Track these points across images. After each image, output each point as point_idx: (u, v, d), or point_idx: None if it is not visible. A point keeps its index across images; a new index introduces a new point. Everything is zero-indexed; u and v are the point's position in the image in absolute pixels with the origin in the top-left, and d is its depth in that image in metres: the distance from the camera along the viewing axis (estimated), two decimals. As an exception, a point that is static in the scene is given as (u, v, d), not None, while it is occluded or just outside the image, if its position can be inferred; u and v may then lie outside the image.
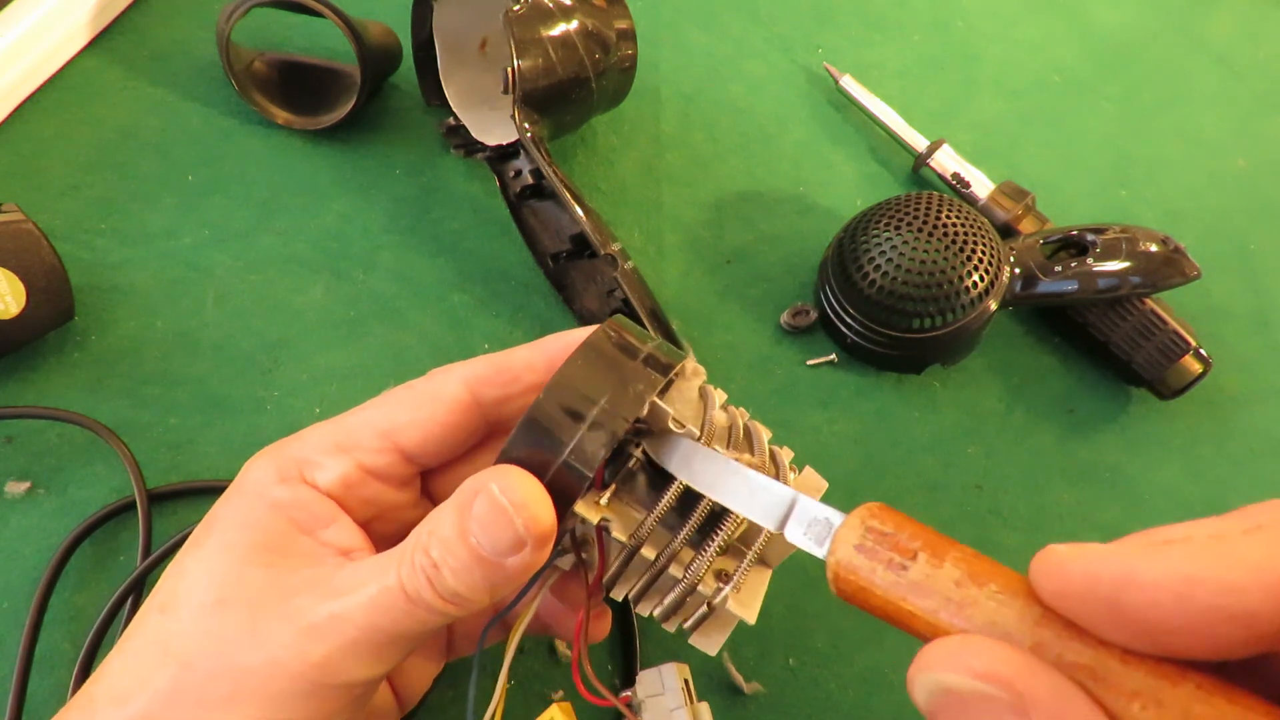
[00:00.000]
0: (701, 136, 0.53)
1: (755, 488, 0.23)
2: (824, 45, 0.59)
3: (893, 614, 0.18)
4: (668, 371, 0.25)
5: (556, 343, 0.27)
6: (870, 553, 0.19)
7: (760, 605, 0.26)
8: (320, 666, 0.23)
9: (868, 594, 0.18)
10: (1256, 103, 0.62)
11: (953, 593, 0.17)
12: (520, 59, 0.41)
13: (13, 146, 0.45)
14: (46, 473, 0.37)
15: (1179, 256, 0.44)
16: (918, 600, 0.18)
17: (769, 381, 0.45)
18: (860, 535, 0.19)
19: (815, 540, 0.21)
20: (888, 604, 0.18)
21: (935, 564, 0.18)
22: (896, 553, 0.18)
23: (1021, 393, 0.47)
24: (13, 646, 0.33)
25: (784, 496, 0.22)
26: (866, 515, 0.19)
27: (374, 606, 0.23)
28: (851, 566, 0.19)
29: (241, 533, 0.25)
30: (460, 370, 0.27)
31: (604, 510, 0.25)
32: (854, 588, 0.19)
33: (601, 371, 0.24)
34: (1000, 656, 0.16)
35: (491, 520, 0.23)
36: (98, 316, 0.41)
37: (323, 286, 0.44)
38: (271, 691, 0.23)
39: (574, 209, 0.42)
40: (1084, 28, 0.64)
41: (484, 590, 0.23)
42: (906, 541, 0.18)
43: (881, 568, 0.18)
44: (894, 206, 0.44)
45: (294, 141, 0.48)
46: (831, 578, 0.19)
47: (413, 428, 0.26)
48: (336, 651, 0.23)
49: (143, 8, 0.51)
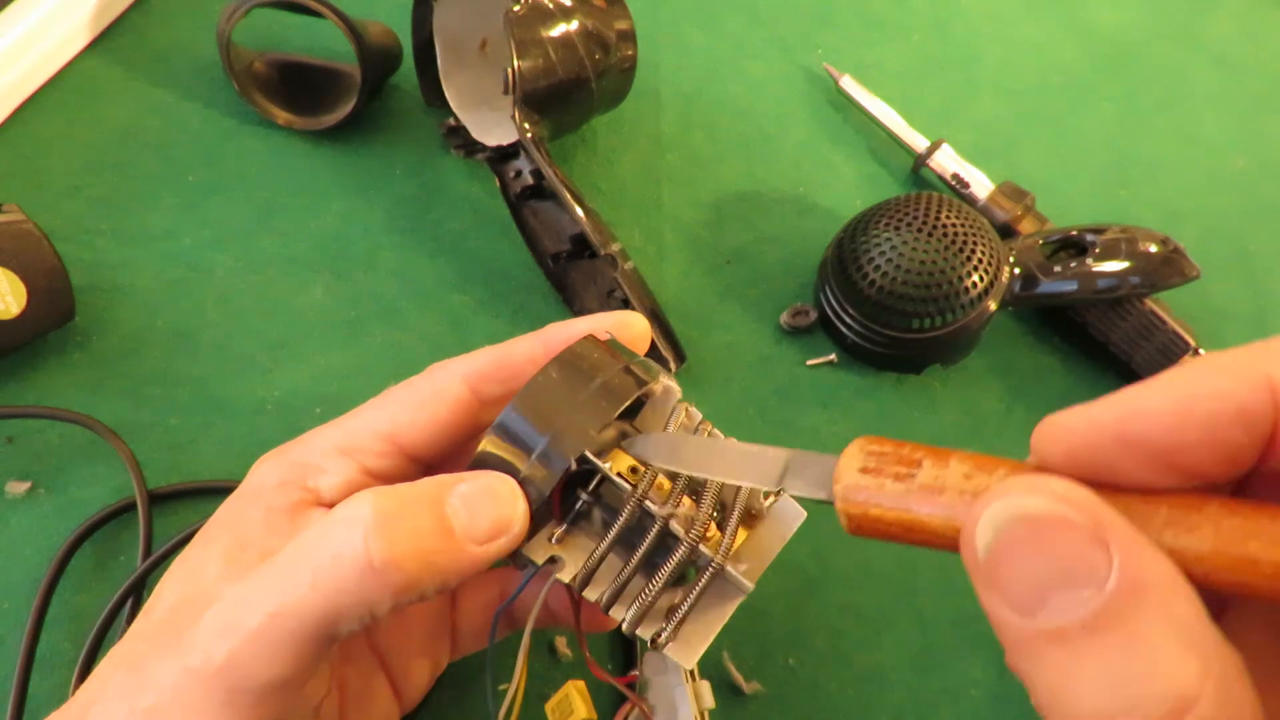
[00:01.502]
0: (701, 136, 0.53)
1: (746, 454, 0.23)
2: (824, 45, 0.59)
3: (907, 526, 0.18)
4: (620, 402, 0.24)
5: (560, 332, 0.27)
6: (874, 471, 0.18)
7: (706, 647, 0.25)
8: (226, 669, 0.21)
9: (878, 513, 0.18)
10: (1256, 103, 0.62)
11: (964, 485, 0.17)
12: (520, 59, 0.41)
13: (13, 147, 0.45)
14: (47, 473, 0.37)
15: (1178, 256, 0.44)
16: (931, 501, 0.17)
17: (769, 381, 0.45)
18: (862, 460, 0.19)
19: (818, 484, 0.21)
20: (900, 517, 0.18)
21: (940, 464, 0.18)
22: (900, 465, 0.18)
23: (1021, 393, 0.47)
24: (14, 647, 0.33)
25: (777, 456, 0.22)
26: (864, 443, 0.19)
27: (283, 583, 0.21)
28: (858, 488, 0.18)
29: (226, 536, 0.24)
30: (460, 366, 0.27)
31: (553, 548, 0.25)
32: (863, 510, 0.18)
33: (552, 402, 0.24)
34: (1077, 488, 0.16)
35: (485, 497, 0.23)
36: (98, 316, 0.41)
37: (323, 287, 0.44)
38: (187, 703, 0.21)
39: (574, 209, 0.42)
40: (1084, 28, 0.64)
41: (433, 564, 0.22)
42: (909, 454, 0.18)
43: (889, 481, 0.18)
44: (894, 207, 0.44)
45: (294, 142, 0.48)
46: (840, 506, 0.19)
47: (414, 428, 0.26)
48: (242, 649, 0.21)
49: (143, 8, 0.51)
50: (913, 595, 0.40)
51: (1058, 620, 0.15)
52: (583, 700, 0.29)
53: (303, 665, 0.22)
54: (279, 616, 0.21)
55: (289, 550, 0.22)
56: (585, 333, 0.27)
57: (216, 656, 0.21)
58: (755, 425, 0.43)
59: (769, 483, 0.22)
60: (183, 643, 0.22)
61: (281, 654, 0.21)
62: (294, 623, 0.21)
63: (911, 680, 0.38)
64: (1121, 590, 0.14)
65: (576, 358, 0.25)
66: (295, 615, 0.21)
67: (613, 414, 0.24)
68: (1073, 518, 0.15)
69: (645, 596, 0.24)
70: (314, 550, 0.22)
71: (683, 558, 0.24)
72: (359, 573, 0.21)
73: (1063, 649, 0.15)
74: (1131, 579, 0.14)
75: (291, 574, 0.22)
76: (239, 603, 0.22)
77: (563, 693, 0.29)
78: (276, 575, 0.22)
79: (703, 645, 0.25)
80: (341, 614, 0.21)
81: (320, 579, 0.21)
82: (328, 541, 0.22)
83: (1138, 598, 0.14)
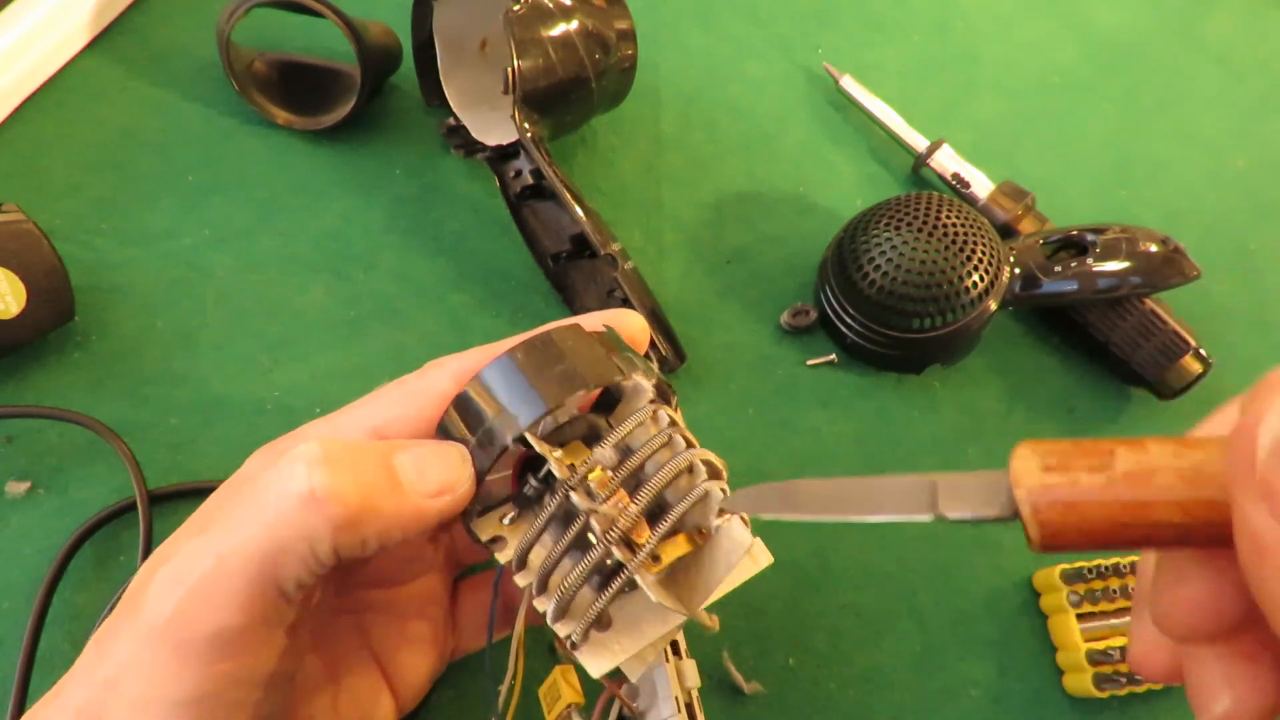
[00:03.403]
0: (701, 136, 0.53)
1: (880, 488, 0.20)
2: (824, 45, 0.59)
3: (1120, 519, 0.16)
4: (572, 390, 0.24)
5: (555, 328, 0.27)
6: (1060, 468, 0.16)
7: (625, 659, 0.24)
8: (173, 621, 0.21)
9: (1082, 511, 0.16)
10: (1256, 103, 0.62)
11: (1178, 463, 0.15)
12: (520, 59, 0.41)
13: (13, 146, 0.45)
14: (47, 473, 0.37)
15: (1179, 256, 0.44)
16: (1144, 485, 0.15)
17: (769, 381, 0.45)
18: (1040, 460, 0.16)
19: (985, 501, 0.17)
20: (1112, 509, 0.15)
21: (1138, 449, 0.16)
22: (1090, 456, 0.16)
23: (1021, 393, 0.47)
24: (14, 646, 0.33)
25: (919, 482, 0.19)
26: (1031, 444, 0.17)
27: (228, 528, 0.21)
28: (1048, 488, 0.16)
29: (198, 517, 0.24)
30: (452, 364, 0.27)
31: (502, 529, 0.25)
32: (1061, 513, 0.16)
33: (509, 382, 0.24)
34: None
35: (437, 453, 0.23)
36: (98, 316, 0.41)
37: (323, 286, 0.44)
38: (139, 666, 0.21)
39: (574, 209, 0.42)
40: (1084, 28, 0.64)
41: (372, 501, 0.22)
42: (1091, 446, 0.16)
43: (1084, 474, 0.16)
44: (894, 206, 0.44)
45: (294, 141, 0.48)
46: (1030, 514, 0.16)
47: (403, 424, 0.26)
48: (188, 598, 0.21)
49: (143, 8, 0.51)
50: (913, 595, 0.40)
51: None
52: (569, 685, 0.29)
53: (250, 614, 0.21)
54: (224, 559, 0.21)
55: (239, 498, 0.22)
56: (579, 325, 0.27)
57: (165, 610, 0.21)
58: (755, 425, 0.43)
59: (923, 511, 0.18)
60: (136, 606, 0.22)
61: (227, 600, 0.21)
62: (238, 564, 0.21)
63: (911, 680, 0.38)
64: None
65: (547, 343, 0.25)
66: (239, 555, 0.21)
67: (561, 399, 0.23)
68: None
69: (564, 591, 0.23)
70: (260, 491, 0.22)
71: (599, 557, 0.23)
72: (300, 502, 0.21)
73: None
74: None
75: (238, 518, 0.22)
76: (189, 555, 0.22)
77: (551, 678, 0.29)
78: (225, 521, 0.22)
79: (622, 656, 0.24)
80: (283, 551, 0.21)
81: (263, 516, 0.21)
82: (272, 480, 0.22)
83: None
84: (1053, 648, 0.40)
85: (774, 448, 0.43)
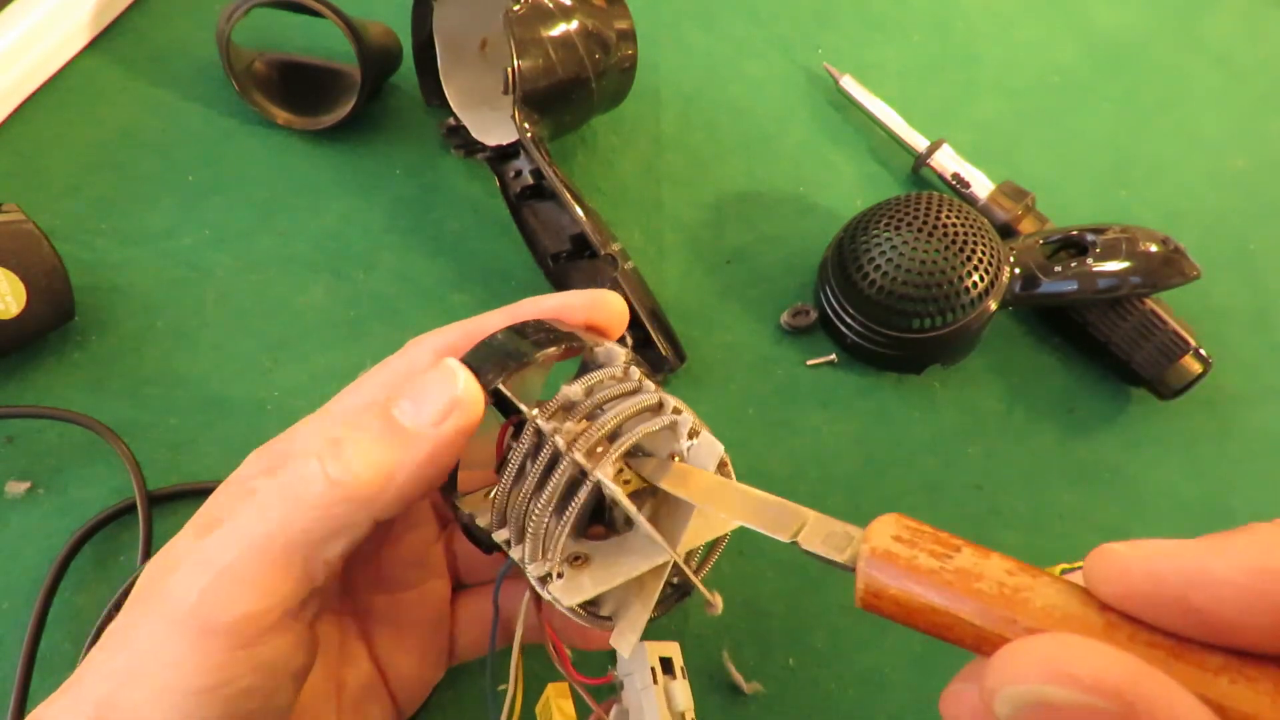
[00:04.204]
0: (701, 136, 0.53)
1: (764, 501, 0.22)
2: (824, 45, 0.59)
3: (934, 610, 0.16)
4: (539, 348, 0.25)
5: (531, 306, 0.27)
6: (909, 544, 0.17)
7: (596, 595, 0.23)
8: (198, 607, 0.21)
9: (907, 587, 0.17)
10: (1256, 103, 0.62)
11: (1007, 580, 0.16)
12: (520, 59, 0.41)
13: (13, 146, 0.45)
14: (47, 473, 0.37)
15: (1179, 256, 0.44)
16: (966, 590, 0.16)
17: (769, 381, 0.45)
18: (896, 529, 0.18)
19: (836, 546, 0.19)
20: (931, 598, 0.16)
21: (982, 555, 0.17)
22: (938, 545, 0.17)
23: (1021, 393, 0.47)
24: (14, 646, 0.33)
25: (799, 512, 0.21)
26: (897, 517, 0.18)
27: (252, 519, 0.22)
28: (888, 556, 0.17)
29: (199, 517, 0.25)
30: (432, 341, 0.27)
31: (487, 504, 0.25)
32: (887, 580, 0.17)
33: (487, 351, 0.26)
34: (1105, 660, 0.14)
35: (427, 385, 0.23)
36: (98, 316, 0.41)
37: (323, 287, 0.44)
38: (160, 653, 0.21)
39: (574, 209, 0.42)
40: (1084, 28, 0.64)
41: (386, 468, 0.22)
42: (947, 538, 0.17)
43: (924, 555, 0.17)
44: (894, 206, 0.44)
45: (294, 142, 0.48)
46: (863, 568, 0.17)
47: None
48: (214, 583, 0.21)
49: (143, 8, 0.51)
50: (913, 595, 0.40)
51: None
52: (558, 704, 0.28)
53: (274, 598, 0.22)
54: (250, 548, 0.22)
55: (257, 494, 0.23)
56: (558, 305, 0.27)
57: (190, 598, 0.21)
58: (755, 425, 0.43)
59: (782, 533, 0.20)
60: (157, 596, 0.22)
61: (252, 586, 0.21)
62: (263, 550, 0.22)
63: (911, 680, 0.38)
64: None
65: (526, 325, 0.26)
66: (265, 542, 0.22)
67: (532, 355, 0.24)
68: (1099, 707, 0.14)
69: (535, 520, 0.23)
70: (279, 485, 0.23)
71: (565, 469, 0.23)
72: (322, 491, 0.22)
73: None
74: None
75: (259, 510, 0.22)
76: (212, 546, 0.22)
77: (544, 696, 0.29)
78: (245, 513, 0.22)
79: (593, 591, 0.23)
80: (310, 535, 0.22)
81: (286, 504, 0.22)
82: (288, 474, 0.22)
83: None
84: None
85: (774, 448, 0.43)
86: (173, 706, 0.21)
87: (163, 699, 0.21)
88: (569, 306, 0.27)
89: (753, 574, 0.39)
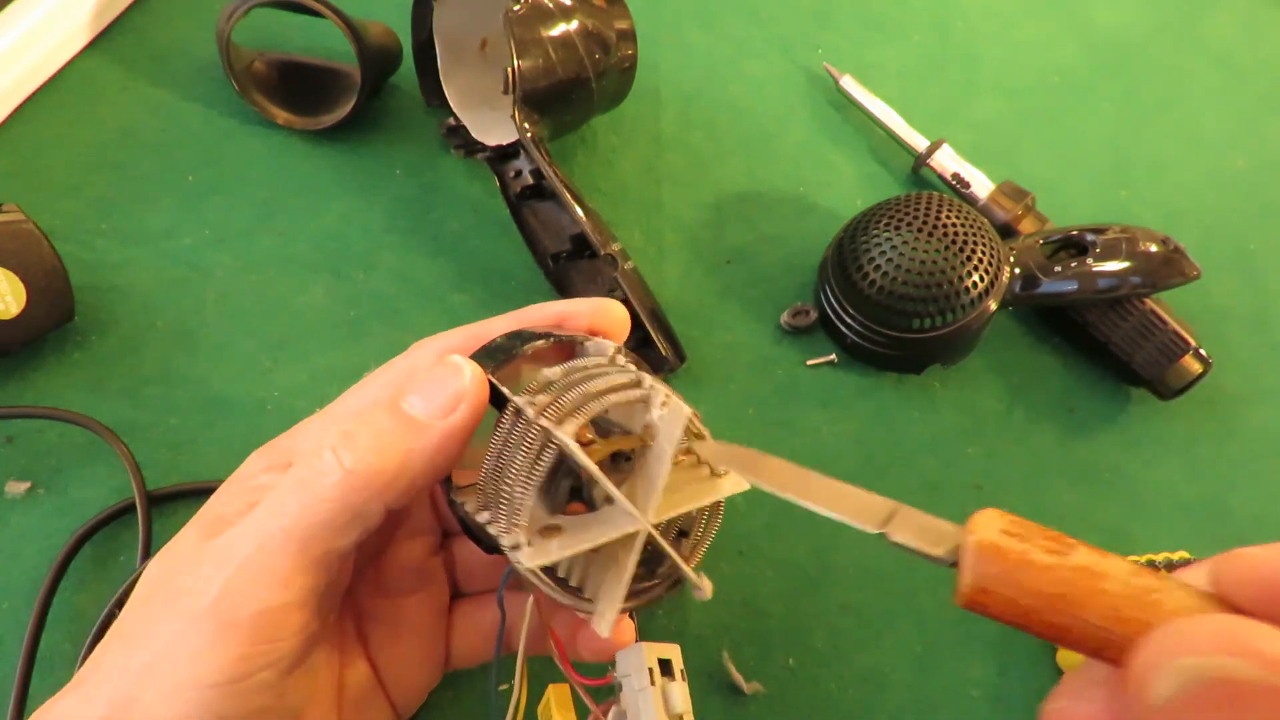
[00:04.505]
0: (701, 136, 0.53)
1: (845, 491, 0.21)
2: (824, 45, 0.59)
3: (1053, 605, 0.16)
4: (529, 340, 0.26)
5: (536, 312, 0.28)
6: (1020, 538, 0.16)
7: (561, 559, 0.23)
8: (220, 600, 0.21)
9: (1020, 581, 0.16)
10: (1256, 103, 0.62)
11: (1132, 580, 0.15)
12: (520, 59, 0.41)
13: (13, 146, 0.45)
14: (46, 473, 0.37)
15: (1179, 256, 0.44)
16: (1090, 589, 0.15)
17: (769, 381, 0.45)
18: (1004, 523, 0.17)
19: (931, 538, 0.18)
20: (1049, 592, 0.15)
21: (1101, 554, 0.16)
22: (1051, 540, 0.16)
23: (1021, 393, 0.47)
24: (14, 646, 0.33)
25: (884, 502, 0.20)
26: (1001, 512, 0.17)
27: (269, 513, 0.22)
28: (1000, 549, 0.16)
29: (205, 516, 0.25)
30: (436, 345, 0.27)
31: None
32: (1001, 573, 0.16)
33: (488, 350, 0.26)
34: None
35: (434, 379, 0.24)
36: (98, 316, 0.41)
37: (323, 287, 0.44)
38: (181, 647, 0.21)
39: (574, 209, 0.42)
40: (1084, 28, 0.64)
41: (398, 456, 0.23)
42: (1059, 535, 0.16)
43: (1038, 550, 0.16)
44: (894, 206, 0.44)
45: (294, 141, 0.48)
46: (971, 562, 0.16)
47: None
48: (236, 576, 0.22)
49: (143, 8, 0.51)
50: (913, 595, 0.40)
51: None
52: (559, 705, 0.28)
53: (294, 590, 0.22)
54: (268, 541, 0.22)
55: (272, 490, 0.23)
56: (562, 312, 0.28)
57: (210, 592, 0.22)
58: (755, 425, 0.43)
59: (869, 523, 0.19)
60: (171, 594, 0.22)
61: (273, 578, 0.22)
62: (283, 543, 0.22)
63: (911, 680, 0.38)
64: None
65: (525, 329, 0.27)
66: (283, 535, 0.22)
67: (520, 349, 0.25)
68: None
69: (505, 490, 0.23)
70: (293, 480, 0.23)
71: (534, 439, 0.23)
72: (336, 480, 0.22)
73: None
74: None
75: (275, 505, 0.23)
76: (228, 542, 0.22)
77: (545, 698, 0.29)
78: (261, 509, 0.23)
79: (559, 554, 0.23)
80: (326, 526, 0.22)
81: (303, 498, 0.22)
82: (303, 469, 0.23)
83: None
84: (1053, 647, 0.39)
85: (774, 448, 0.42)
86: (189, 702, 0.21)
87: (180, 694, 0.21)
88: (573, 314, 0.28)
89: (753, 574, 0.39)
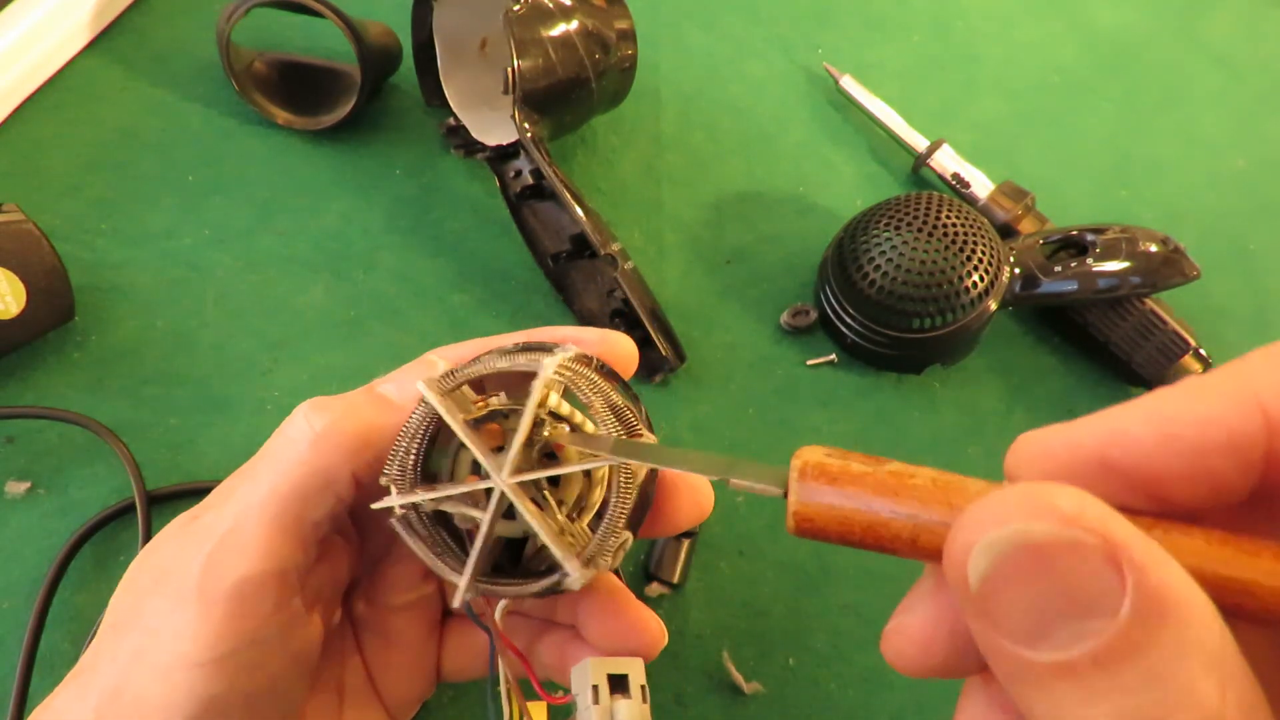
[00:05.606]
0: (701, 136, 0.53)
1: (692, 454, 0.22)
2: (824, 45, 0.59)
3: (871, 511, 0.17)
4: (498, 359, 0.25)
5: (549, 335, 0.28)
6: (839, 456, 0.18)
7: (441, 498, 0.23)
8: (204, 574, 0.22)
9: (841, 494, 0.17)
10: (1256, 103, 0.62)
11: (938, 476, 0.17)
12: (520, 59, 0.41)
13: (13, 146, 0.45)
14: (46, 473, 0.37)
15: (1179, 256, 0.44)
16: (903, 487, 0.17)
17: (769, 381, 0.45)
18: (825, 451, 0.18)
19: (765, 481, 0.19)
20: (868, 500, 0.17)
21: (910, 468, 0.17)
22: (867, 458, 0.18)
23: (1021, 393, 0.47)
24: (14, 646, 0.33)
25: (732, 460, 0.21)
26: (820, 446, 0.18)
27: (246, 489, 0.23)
28: (820, 467, 0.17)
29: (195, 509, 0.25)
30: (449, 354, 0.27)
31: None
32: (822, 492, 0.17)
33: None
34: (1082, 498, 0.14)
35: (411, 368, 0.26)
36: (98, 316, 0.41)
37: (323, 286, 0.44)
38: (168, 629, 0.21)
39: (574, 209, 0.42)
40: (1084, 28, 0.64)
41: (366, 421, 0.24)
42: (874, 457, 0.18)
43: (855, 463, 0.17)
44: (894, 206, 0.44)
45: (294, 141, 0.48)
46: (795, 485, 0.18)
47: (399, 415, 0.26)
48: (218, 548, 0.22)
49: (143, 8, 0.51)
50: (913, 595, 0.40)
51: (1064, 653, 0.13)
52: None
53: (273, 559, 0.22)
54: (246, 510, 0.23)
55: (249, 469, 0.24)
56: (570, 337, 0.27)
57: (194, 569, 0.22)
58: (755, 425, 0.43)
59: (713, 473, 0.20)
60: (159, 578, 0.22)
61: (251, 546, 0.22)
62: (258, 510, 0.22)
63: (911, 680, 0.38)
64: (1136, 619, 0.13)
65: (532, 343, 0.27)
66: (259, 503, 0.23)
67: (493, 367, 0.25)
68: (1084, 540, 0.13)
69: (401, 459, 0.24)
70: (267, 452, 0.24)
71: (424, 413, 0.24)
72: (310, 444, 0.23)
73: (1069, 682, 0.13)
74: (1148, 605, 0.13)
75: (251, 479, 0.23)
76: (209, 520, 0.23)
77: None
78: (240, 485, 0.23)
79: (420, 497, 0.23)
80: (300, 490, 0.23)
81: (276, 466, 0.23)
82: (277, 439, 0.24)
83: (1154, 626, 0.13)
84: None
85: (774, 448, 0.43)
86: (178, 685, 0.21)
87: (169, 676, 0.21)
88: (581, 341, 0.28)
89: (753, 574, 0.39)
